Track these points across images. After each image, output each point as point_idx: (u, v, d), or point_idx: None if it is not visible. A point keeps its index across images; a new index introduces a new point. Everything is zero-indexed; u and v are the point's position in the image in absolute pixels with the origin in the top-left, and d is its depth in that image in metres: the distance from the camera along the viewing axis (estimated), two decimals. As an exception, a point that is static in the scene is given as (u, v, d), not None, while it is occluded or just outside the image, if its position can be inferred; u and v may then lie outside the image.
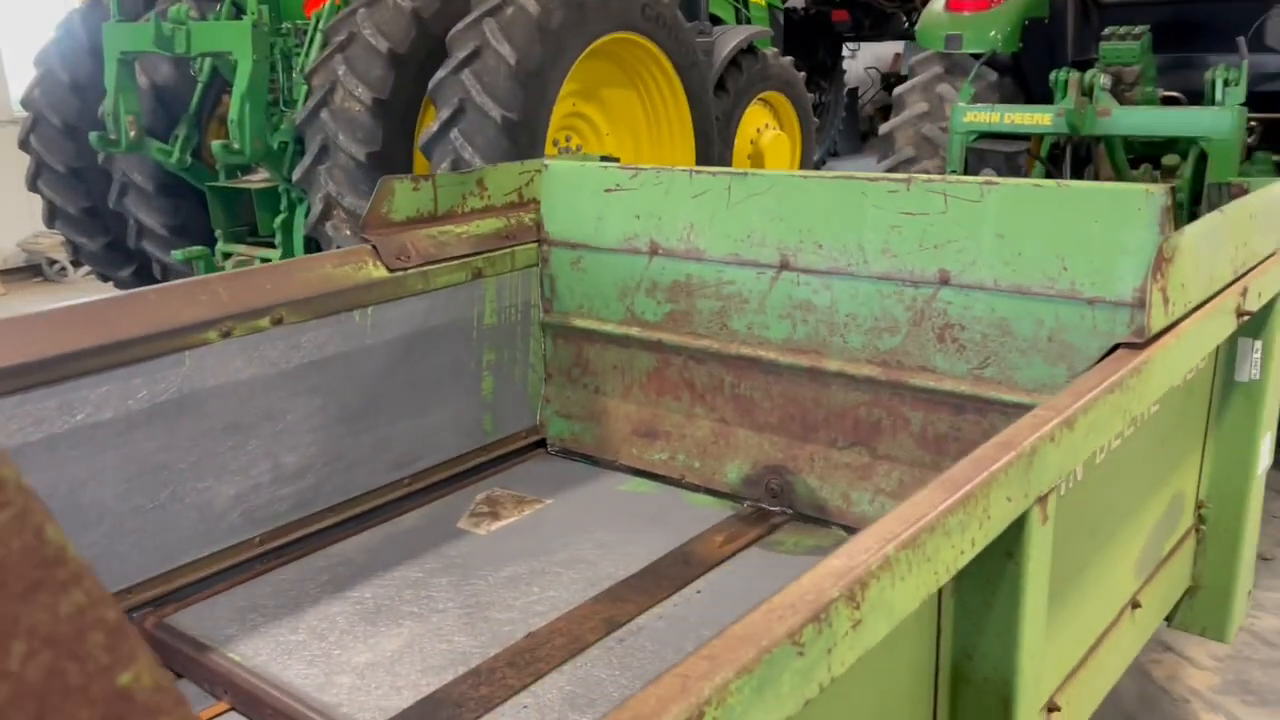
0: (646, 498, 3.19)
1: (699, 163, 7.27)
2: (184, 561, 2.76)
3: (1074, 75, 4.72)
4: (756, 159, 9.13)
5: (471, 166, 5.33)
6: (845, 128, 16.06)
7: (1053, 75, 5.01)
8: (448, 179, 3.35)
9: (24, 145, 7.54)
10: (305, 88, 6.20)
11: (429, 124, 5.80)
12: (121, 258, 7.81)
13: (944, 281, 2.60)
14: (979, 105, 4.88)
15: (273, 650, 2.49)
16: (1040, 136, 5.10)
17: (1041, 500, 1.54)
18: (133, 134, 6.53)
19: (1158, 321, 1.93)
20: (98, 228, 7.70)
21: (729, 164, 8.69)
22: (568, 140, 6.53)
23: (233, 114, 6.09)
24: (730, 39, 8.48)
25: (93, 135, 6.55)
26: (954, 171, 4.89)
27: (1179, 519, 2.63)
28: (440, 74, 5.67)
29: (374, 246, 3.15)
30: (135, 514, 2.64)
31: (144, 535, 2.66)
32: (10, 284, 9.79)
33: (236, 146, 6.09)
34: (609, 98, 6.76)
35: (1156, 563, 2.52)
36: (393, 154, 6.03)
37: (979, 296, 2.55)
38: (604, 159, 3.84)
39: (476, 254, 3.40)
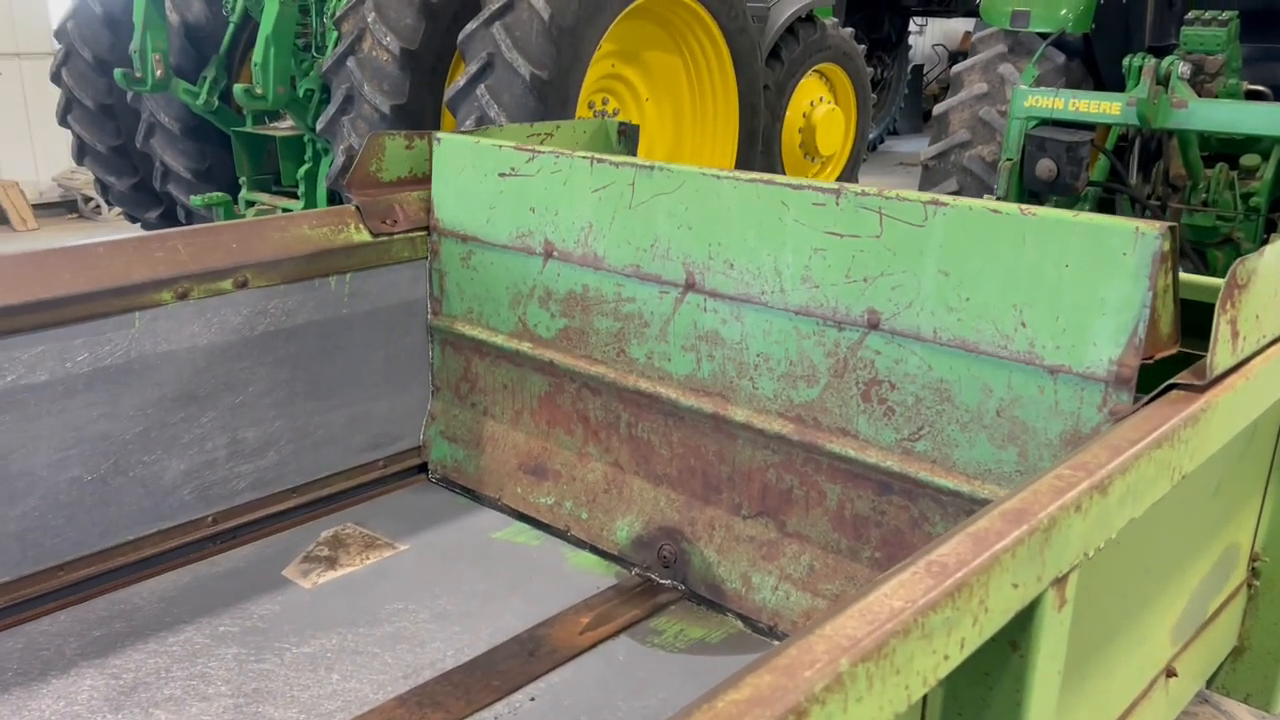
0: (521, 551, 2.73)
1: (744, 136, 6.92)
2: (127, 538, 2.55)
3: (1149, 61, 4.32)
4: (808, 133, 8.75)
5: (497, 125, 5.06)
6: (907, 106, 15.52)
7: (1126, 60, 4.61)
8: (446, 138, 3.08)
9: (55, 79, 7.40)
10: (335, 33, 5.96)
11: (457, 78, 5.53)
12: (149, 199, 7.67)
13: (873, 325, 2.12)
14: (1042, 89, 4.50)
15: None
16: (1107, 127, 4.71)
17: (1059, 582, 1.24)
18: (159, 73, 6.33)
19: (1223, 360, 1.61)
20: (125, 167, 7.55)
21: (777, 138, 8.32)
22: (604, 104, 6.22)
23: (257, 57, 5.86)
24: (788, 5, 8.09)
25: (117, 72, 6.36)
26: (1009, 159, 4.52)
27: (1229, 575, 2.31)
28: (471, 26, 5.39)
29: (358, 208, 2.89)
30: (71, 486, 2.43)
31: (80, 509, 2.45)
32: (45, 219, 9.72)
33: (259, 91, 5.87)
34: (651, 61, 6.43)
35: (1198, 625, 2.21)
36: (419, 108, 5.77)
37: (914, 349, 2.07)
38: (622, 127, 3.55)
39: (474, 222, 3.13)
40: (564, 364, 2.73)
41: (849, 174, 9.37)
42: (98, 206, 9.82)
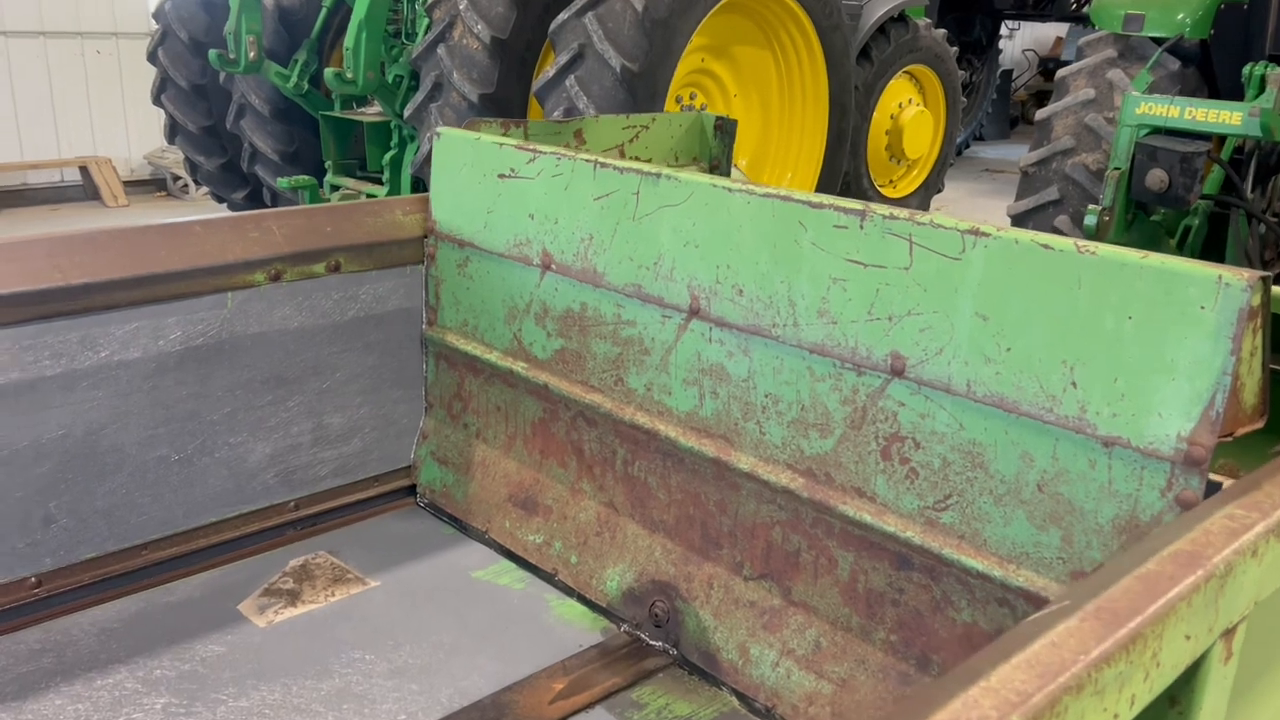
0: (503, 595, 2.48)
1: (832, 136, 6.77)
2: (210, 520, 2.53)
3: (1273, 71, 4.10)
4: (895, 135, 8.57)
5: (585, 117, 5.00)
6: (994, 111, 15.18)
7: (1246, 69, 4.39)
8: (542, 126, 3.01)
9: (151, 59, 7.54)
10: (426, 20, 5.96)
11: (547, 68, 5.49)
12: (236, 179, 7.78)
13: (897, 372, 1.85)
14: (1155, 96, 4.30)
15: None
16: (1223, 138, 4.49)
17: (1227, 634, 1.12)
18: (252, 55, 6.39)
19: None
20: (215, 147, 7.67)
21: (864, 139, 8.16)
22: (692, 98, 6.13)
23: (348, 42, 5.88)
24: (880, 4, 7.92)
25: (212, 53, 6.44)
26: (1117, 169, 4.33)
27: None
28: (563, 16, 5.33)
29: (451, 195, 2.85)
30: (159, 464, 2.41)
31: (166, 488, 2.44)
32: (134, 196, 9.93)
33: (349, 76, 5.90)
34: (741, 56, 6.32)
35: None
36: (507, 97, 5.74)
37: (943, 403, 1.79)
38: (719, 121, 3.46)
39: (566, 213, 3.07)
40: (559, 389, 2.51)
41: (934, 178, 9.16)
42: (186, 185, 10.01)
